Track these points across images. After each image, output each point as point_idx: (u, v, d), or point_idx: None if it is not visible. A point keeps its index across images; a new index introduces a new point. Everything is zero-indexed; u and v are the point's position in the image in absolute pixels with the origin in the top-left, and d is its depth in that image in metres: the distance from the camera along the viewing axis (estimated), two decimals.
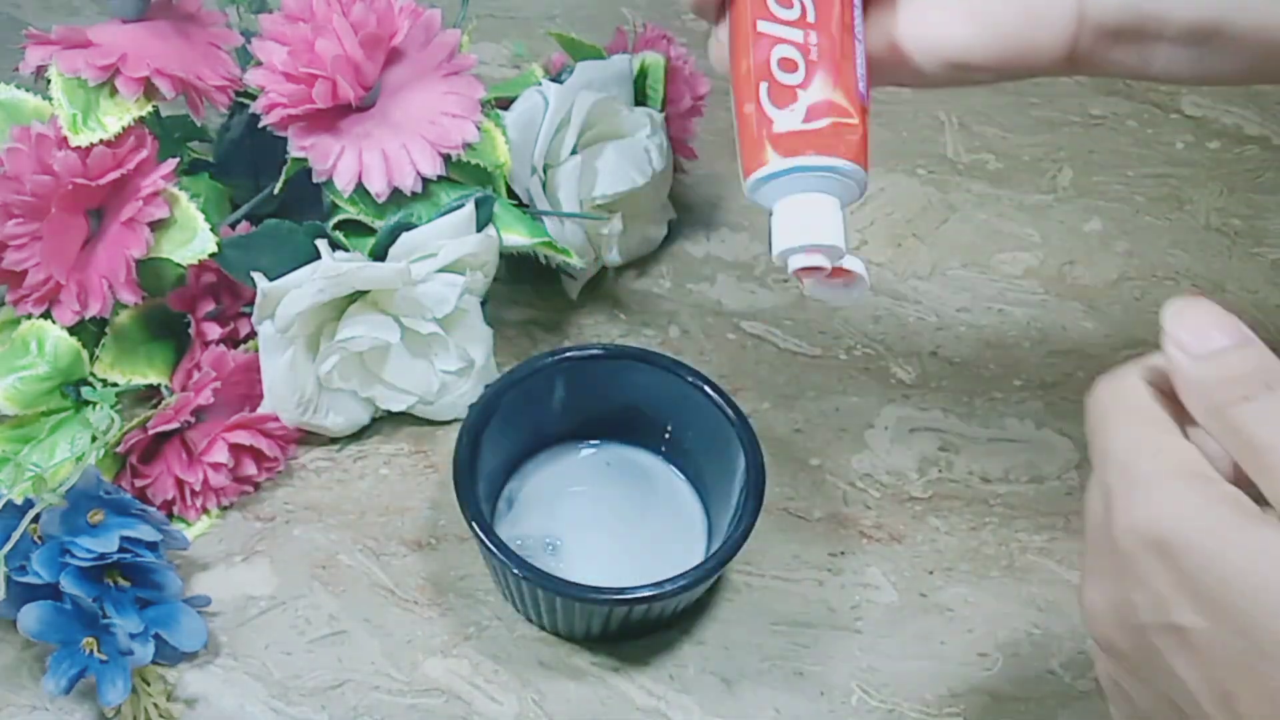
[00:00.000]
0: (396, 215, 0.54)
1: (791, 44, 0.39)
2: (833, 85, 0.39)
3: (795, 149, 0.38)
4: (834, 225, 0.38)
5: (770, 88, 0.39)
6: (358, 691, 0.49)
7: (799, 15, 0.39)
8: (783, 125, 0.38)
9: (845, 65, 0.39)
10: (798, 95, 0.39)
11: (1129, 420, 0.32)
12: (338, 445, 0.57)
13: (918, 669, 0.51)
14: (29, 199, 0.48)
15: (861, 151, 0.39)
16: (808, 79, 0.39)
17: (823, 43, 0.39)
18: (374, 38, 0.51)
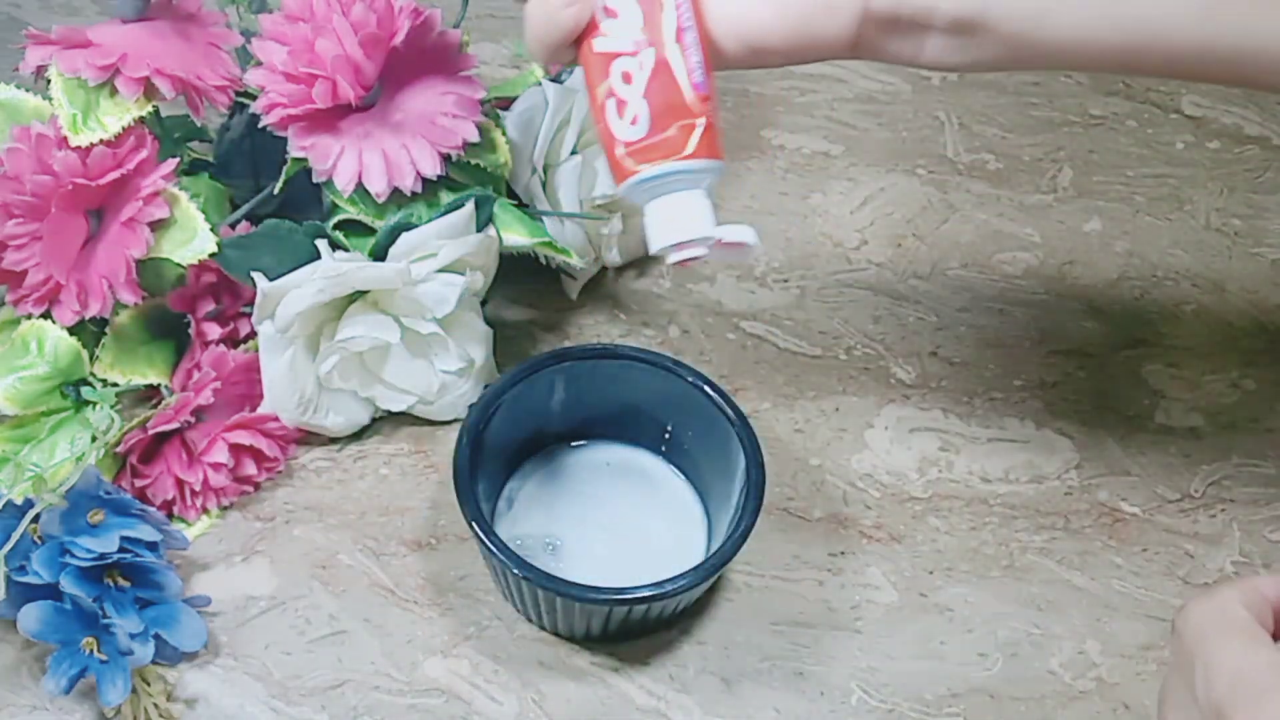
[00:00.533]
0: (396, 215, 0.54)
1: (625, 55, 0.40)
2: (669, 87, 0.40)
3: (646, 158, 0.40)
4: (698, 217, 0.40)
5: (616, 104, 0.40)
6: (358, 691, 0.49)
7: (628, 25, 0.40)
8: (631, 136, 0.40)
9: (678, 62, 0.40)
10: (639, 106, 0.40)
11: (1236, 637, 0.34)
12: (338, 445, 0.57)
13: (918, 669, 0.51)
14: (29, 199, 0.48)
15: (708, 144, 0.40)
16: (646, 87, 0.40)
17: (655, 42, 0.40)
18: (374, 38, 0.51)
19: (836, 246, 0.66)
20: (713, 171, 0.41)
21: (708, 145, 0.40)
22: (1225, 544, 0.56)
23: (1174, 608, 0.54)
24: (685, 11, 0.40)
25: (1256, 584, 0.36)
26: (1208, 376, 0.62)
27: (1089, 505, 0.57)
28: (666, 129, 0.40)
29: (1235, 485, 0.58)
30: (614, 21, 0.40)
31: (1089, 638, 0.53)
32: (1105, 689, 0.51)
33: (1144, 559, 0.55)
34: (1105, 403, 0.61)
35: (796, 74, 0.76)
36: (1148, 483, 0.58)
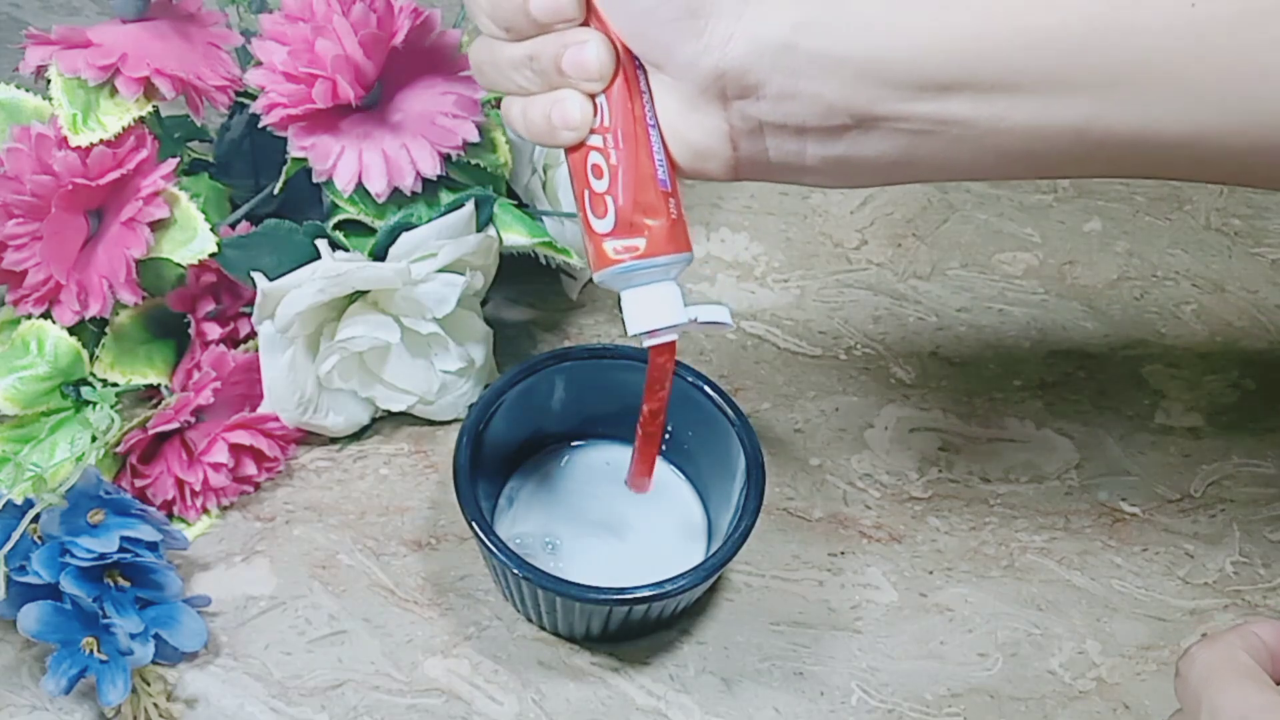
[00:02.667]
0: (396, 215, 0.54)
1: (597, 150, 0.41)
2: (635, 184, 0.41)
3: (617, 253, 0.41)
4: (668, 306, 0.42)
5: (590, 197, 0.42)
6: (358, 691, 0.49)
7: (598, 121, 0.41)
8: (603, 229, 0.41)
9: (643, 160, 0.41)
10: (606, 202, 0.41)
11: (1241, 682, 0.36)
12: (338, 445, 0.57)
13: (918, 669, 0.51)
14: (29, 199, 0.48)
15: (672, 239, 0.41)
16: (613, 183, 0.41)
17: (618, 144, 0.41)
18: (374, 38, 0.51)
19: (836, 246, 0.66)
20: (680, 262, 0.42)
21: (673, 240, 0.41)
22: (1225, 544, 0.56)
23: (1174, 607, 0.54)
24: (650, 108, 0.41)
25: (1257, 630, 0.38)
26: (1208, 376, 0.62)
27: (1089, 505, 0.57)
28: (633, 223, 0.41)
29: (1235, 485, 0.58)
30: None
31: (1089, 638, 0.53)
32: (1105, 689, 0.51)
33: (1144, 559, 0.55)
34: (1105, 403, 0.61)
35: None
36: (1148, 483, 0.58)
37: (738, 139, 0.40)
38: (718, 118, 0.40)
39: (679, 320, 0.43)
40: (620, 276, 0.42)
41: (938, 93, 0.38)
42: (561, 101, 0.40)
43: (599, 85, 0.40)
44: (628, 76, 0.40)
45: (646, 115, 0.41)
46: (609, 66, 0.40)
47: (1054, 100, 0.37)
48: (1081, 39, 0.36)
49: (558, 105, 0.40)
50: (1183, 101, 0.36)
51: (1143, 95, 0.37)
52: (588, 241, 0.42)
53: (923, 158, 0.40)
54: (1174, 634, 0.53)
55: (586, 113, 0.40)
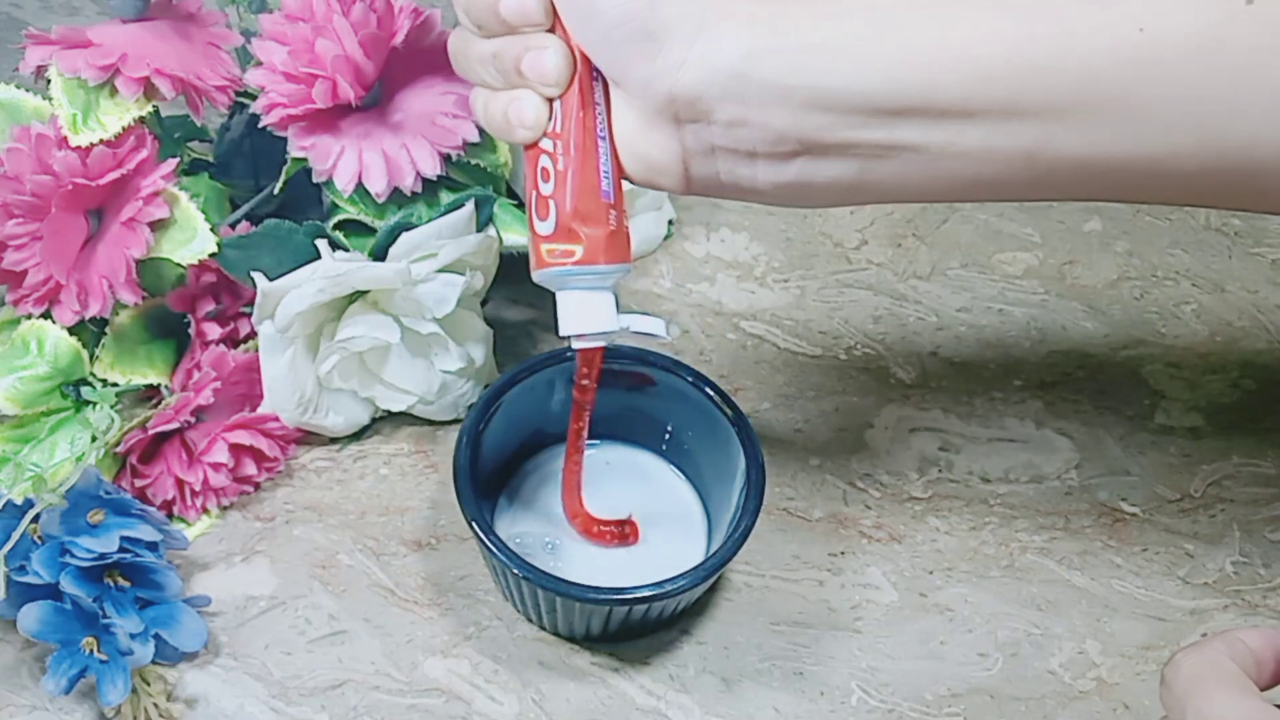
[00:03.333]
0: (396, 215, 0.54)
1: (547, 153, 0.42)
2: (577, 192, 0.42)
3: (554, 256, 0.42)
4: (600, 314, 0.43)
5: (536, 198, 0.42)
6: (358, 691, 0.49)
7: (551, 126, 0.41)
8: (543, 231, 0.42)
9: (588, 170, 0.41)
10: (549, 205, 0.42)
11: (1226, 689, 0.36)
12: (338, 445, 0.57)
13: (918, 669, 0.51)
14: (29, 199, 0.48)
15: (609, 249, 0.42)
16: (558, 187, 0.42)
17: (567, 150, 0.41)
18: (374, 38, 0.51)
19: (836, 246, 0.66)
20: (616, 273, 0.43)
21: (609, 250, 0.42)
22: (1225, 544, 0.56)
23: (1174, 607, 0.54)
24: (600, 121, 0.41)
25: (1240, 636, 0.38)
26: (1208, 376, 0.62)
27: (1089, 505, 0.57)
28: (572, 229, 0.42)
29: (1235, 485, 0.58)
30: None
31: (1089, 638, 0.53)
32: (1105, 689, 0.51)
33: (1144, 559, 0.55)
34: (1105, 403, 0.61)
35: None
36: (1148, 483, 0.58)
37: (689, 159, 0.41)
38: (671, 137, 0.40)
39: (608, 328, 0.44)
40: (555, 279, 0.43)
41: (887, 119, 0.38)
42: (518, 100, 0.41)
43: (554, 90, 0.41)
44: (583, 87, 0.41)
45: (597, 126, 0.41)
46: (565, 74, 0.40)
47: (1004, 126, 0.37)
48: (1031, 66, 0.36)
49: (514, 103, 0.41)
50: (1131, 127, 0.37)
51: (1092, 121, 0.37)
52: (530, 240, 0.43)
53: (874, 182, 0.40)
54: (1174, 634, 0.53)
55: (541, 115, 0.41)
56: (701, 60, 0.38)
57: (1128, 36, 0.36)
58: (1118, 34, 0.36)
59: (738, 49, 0.38)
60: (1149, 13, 0.35)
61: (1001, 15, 0.37)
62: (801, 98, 0.38)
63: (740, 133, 0.39)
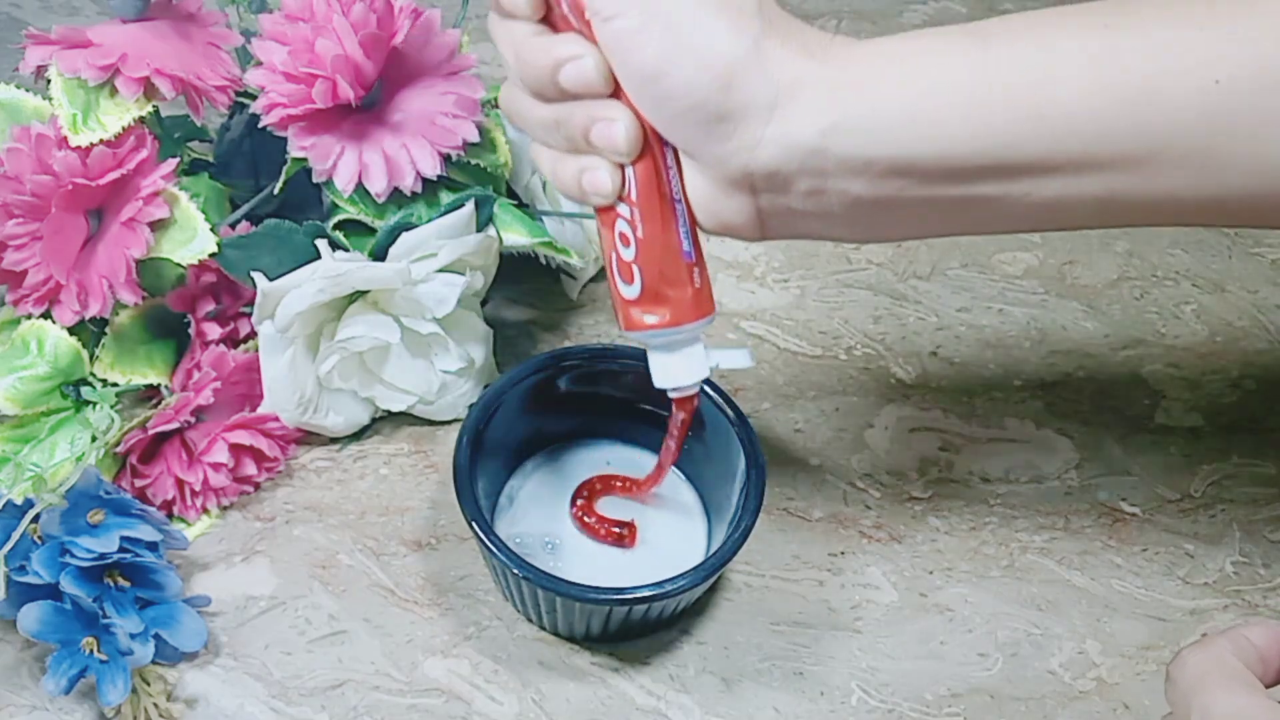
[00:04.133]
0: (396, 215, 0.54)
1: (623, 219, 0.41)
2: (659, 258, 0.42)
3: (641, 320, 0.43)
4: (691, 366, 0.45)
5: (617, 261, 0.42)
6: (358, 691, 0.49)
7: (625, 190, 0.41)
8: (629, 295, 0.43)
9: (669, 234, 0.41)
10: (633, 271, 0.42)
11: (1231, 686, 0.36)
12: (338, 445, 0.57)
13: (918, 669, 0.51)
14: (29, 199, 0.48)
15: (695, 307, 0.43)
16: (640, 253, 0.42)
17: (644, 216, 0.41)
18: (374, 38, 0.51)
19: (836, 246, 0.66)
20: (703, 325, 0.44)
21: (696, 308, 0.43)
22: (1225, 544, 0.56)
23: (1174, 607, 0.54)
24: (674, 184, 0.41)
25: (1246, 633, 0.38)
26: (1208, 376, 0.62)
27: (1089, 505, 0.57)
28: (659, 293, 0.42)
29: (1235, 485, 0.58)
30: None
31: (1089, 638, 0.53)
32: (1105, 689, 0.51)
33: (1144, 559, 0.55)
34: (1105, 403, 0.61)
35: None
36: (1148, 483, 0.58)
37: (766, 219, 0.41)
38: (747, 202, 0.40)
39: (701, 378, 0.45)
40: (646, 339, 0.44)
41: (966, 180, 0.38)
42: (592, 170, 0.41)
43: (626, 159, 0.40)
44: (654, 154, 0.40)
45: (672, 191, 0.41)
46: (636, 145, 0.40)
47: (1080, 179, 0.38)
48: (1107, 122, 0.36)
49: (588, 173, 0.41)
50: (1206, 172, 0.37)
51: (1167, 171, 0.37)
52: (615, 299, 0.43)
53: (950, 226, 0.41)
54: (1174, 634, 0.53)
55: (615, 183, 0.41)
56: (778, 139, 0.38)
57: (1204, 88, 0.36)
58: (1194, 86, 0.36)
59: (815, 126, 0.37)
60: (1224, 62, 0.35)
61: (1074, 71, 0.37)
62: (880, 168, 0.38)
63: (818, 200, 0.39)
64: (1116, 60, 0.36)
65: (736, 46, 0.37)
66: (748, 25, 0.37)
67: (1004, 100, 0.37)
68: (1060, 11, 0.38)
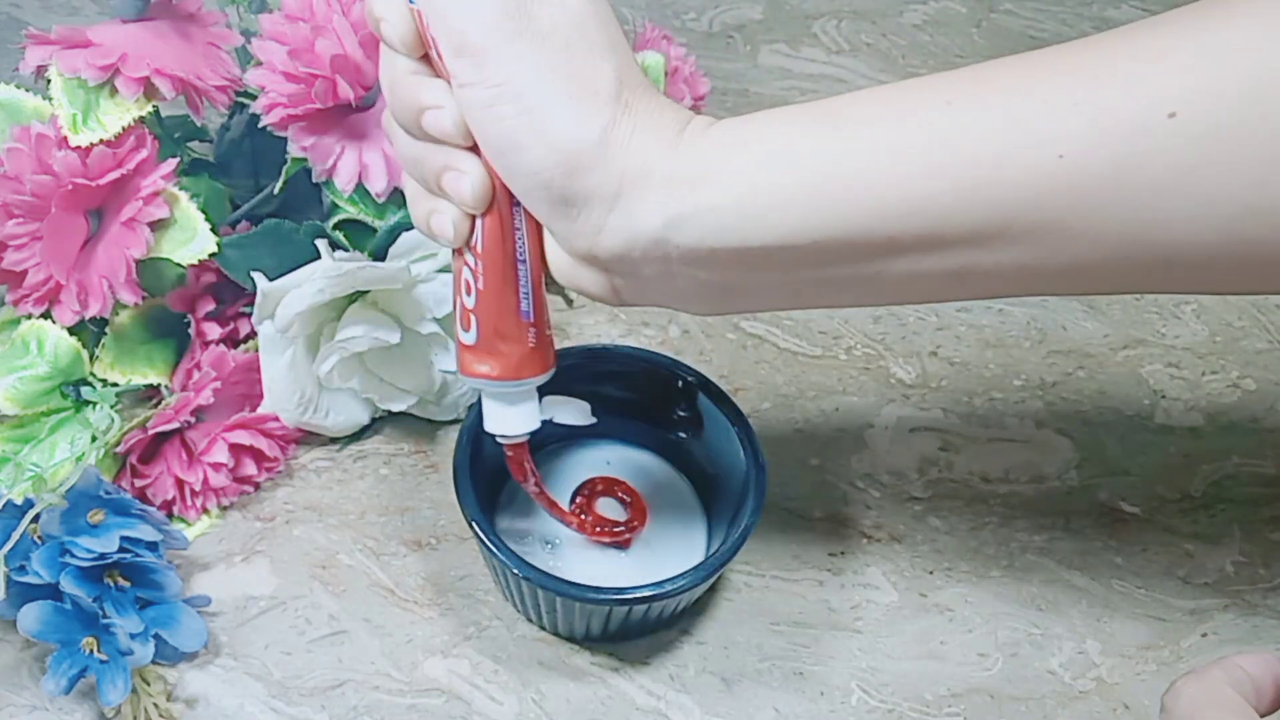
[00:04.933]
0: (396, 215, 0.54)
1: (468, 267, 0.41)
2: (495, 314, 0.42)
3: (473, 368, 0.43)
4: (518, 419, 0.45)
5: (459, 306, 0.42)
6: (358, 691, 0.49)
7: (472, 240, 0.41)
8: (465, 341, 0.43)
9: (507, 292, 0.41)
10: (471, 319, 0.42)
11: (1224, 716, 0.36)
12: (338, 445, 0.57)
13: (918, 669, 0.51)
14: (29, 199, 0.48)
15: (526, 365, 0.43)
16: (479, 304, 0.42)
17: (487, 270, 0.41)
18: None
19: None
20: (535, 383, 0.44)
21: (529, 366, 0.43)
22: (1225, 544, 0.56)
23: (1174, 607, 0.54)
24: (521, 243, 0.41)
25: (1240, 663, 0.38)
26: (1208, 376, 0.62)
27: (1089, 505, 0.57)
28: (493, 346, 0.42)
29: (1235, 485, 0.58)
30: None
31: (1089, 638, 0.53)
32: (1105, 689, 0.51)
33: (1144, 559, 0.55)
34: (1105, 403, 0.61)
35: (796, 74, 0.76)
36: (1148, 483, 0.58)
37: (619, 291, 0.40)
38: (600, 275, 0.40)
39: (528, 430, 0.45)
40: (478, 386, 0.44)
41: (811, 265, 0.38)
42: (440, 214, 0.40)
43: (473, 211, 0.40)
44: (502, 212, 0.40)
45: (517, 250, 0.41)
46: (483, 200, 0.39)
47: (929, 256, 0.37)
48: (948, 202, 0.36)
49: (435, 216, 0.40)
50: (1058, 245, 0.36)
51: (1017, 244, 0.36)
52: (454, 340, 0.43)
53: (806, 303, 0.41)
54: (1174, 634, 0.53)
55: (461, 230, 0.40)
56: (620, 229, 0.37)
57: (1046, 164, 0.35)
58: (1037, 161, 0.35)
59: (657, 217, 0.37)
60: (1068, 137, 0.35)
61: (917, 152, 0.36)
62: (724, 257, 0.38)
63: (669, 281, 0.39)
64: (959, 138, 0.36)
65: (584, 134, 0.36)
66: (599, 112, 0.37)
67: (844, 185, 0.36)
68: (914, 85, 0.38)
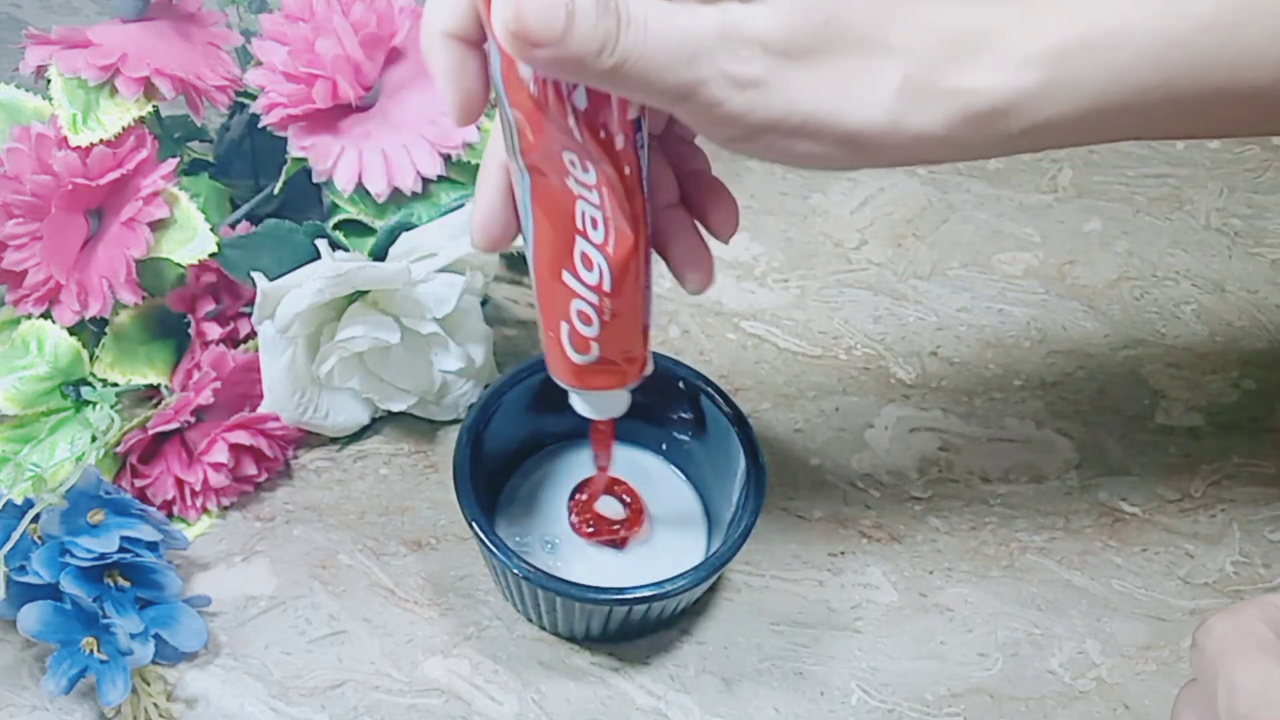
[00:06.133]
0: (396, 215, 0.54)
1: (588, 302, 0.40)
2: (624, 334, 0.41)
3: (593, 380, 0.43)
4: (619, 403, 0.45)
5: (570, 332, 0.41)
6: (358, 691, 0.49)
7: (596, 281, 0.39)
8: (580, 361, 0.42)
9: (637, 317, 0.41)
10: (591, 346, 0.41)
11: (1259, 656, 0.35)
12: (338, 445, 0.57)
13: (918, 669, 0.51)
14: (29, 199, 0.48)
15: (643, 369, 0.43)
16: (603, 333, 0.41)
17: (618, 306, 0.40)
18: (374, 38, 0.51)
19: (836, 246, 0.66)
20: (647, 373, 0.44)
21: (643, 370, 0.43)
22: (1225, 544, 0.56)
23: (1174, 607, 0.54)
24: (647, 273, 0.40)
25: (1275, 601, 0.37)
26: (1208, 376, 0.62)
27: (1089, 505, 0.57)
28: (614, 362, 0.42)
29: (1235, 485, 0.58)
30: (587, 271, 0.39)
31: (1089, 638, 0.53)
32: (1105, 689, 0.51)
33: (1144, 559, 0.55)
34: (1105, 403, 0.61)
35: None
36: (1148, 483, 0.58)
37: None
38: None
39: (625, 408, 0.45)
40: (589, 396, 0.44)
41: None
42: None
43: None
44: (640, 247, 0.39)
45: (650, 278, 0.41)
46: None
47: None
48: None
49: None
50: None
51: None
52: (558, 359, 0.42)
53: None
54: (1174, 634, 0.53)
55: None
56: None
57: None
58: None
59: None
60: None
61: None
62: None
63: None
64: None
65: None
66: None
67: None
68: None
